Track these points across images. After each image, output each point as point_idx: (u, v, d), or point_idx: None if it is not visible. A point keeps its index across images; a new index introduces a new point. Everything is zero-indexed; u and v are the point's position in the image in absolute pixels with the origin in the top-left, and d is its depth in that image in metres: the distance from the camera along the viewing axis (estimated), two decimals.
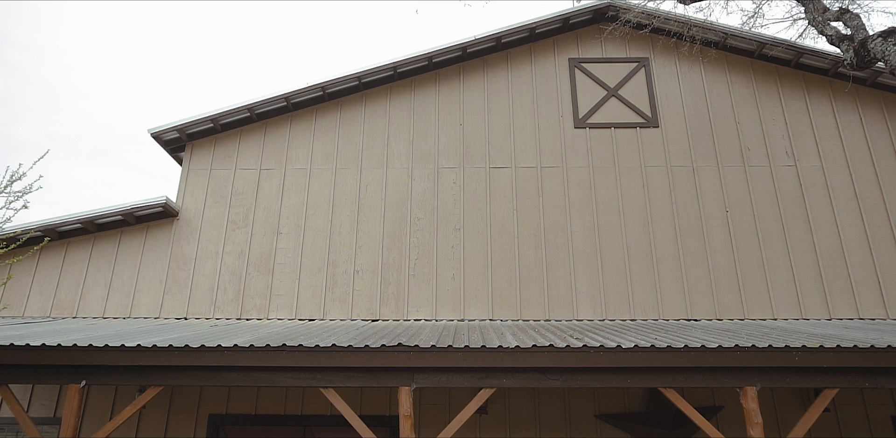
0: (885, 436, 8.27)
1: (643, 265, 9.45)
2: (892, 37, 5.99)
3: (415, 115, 10.52)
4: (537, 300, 9.33)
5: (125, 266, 9.53)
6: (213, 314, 9.27)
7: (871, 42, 6.17)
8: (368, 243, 9.68)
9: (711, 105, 10.49)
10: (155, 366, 6.10)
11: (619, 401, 8.44)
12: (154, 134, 10.05)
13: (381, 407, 8.30)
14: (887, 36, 6.03)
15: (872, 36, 6.31)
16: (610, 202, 9.84)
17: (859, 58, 6.49)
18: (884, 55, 5.98)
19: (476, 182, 10.04)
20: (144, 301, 9.35)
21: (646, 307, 9.22)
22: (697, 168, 10.04)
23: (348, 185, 10.05)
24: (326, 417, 8.37)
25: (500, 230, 9.73)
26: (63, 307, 9.30)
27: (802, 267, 9.36)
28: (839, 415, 8.32)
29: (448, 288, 9.44)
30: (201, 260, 9.58)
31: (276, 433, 8.50)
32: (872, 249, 9.43)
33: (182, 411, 8.49)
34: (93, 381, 6.10)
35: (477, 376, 6.01)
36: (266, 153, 10.25)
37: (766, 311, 9.12)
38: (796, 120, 10.34)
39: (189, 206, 9.90)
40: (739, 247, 9.51)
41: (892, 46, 5.92)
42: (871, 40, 6.19)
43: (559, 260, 9.51)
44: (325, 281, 9.48)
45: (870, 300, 9.15)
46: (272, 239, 9.72)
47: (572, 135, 10.31)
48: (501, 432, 8.31)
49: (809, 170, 9.98)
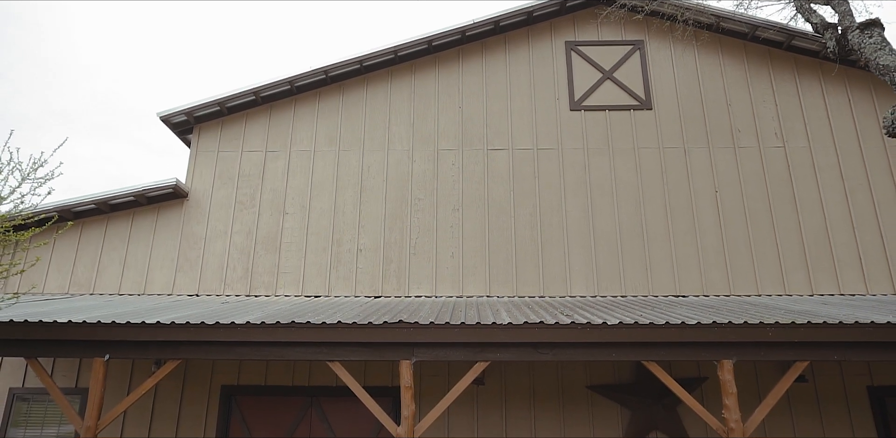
0: (861, 405, 8.75)
1: (634, 243, 9.84)
2: (868, 30, 6.25)
3: (415, 98, 10.82)
4: (533, 277, 9.75)
5: (138, 245, 9.95)
6: (224, 291, 9.71)
7: (850, 33, 6.43)
8: (371, 223, 10.08)
9: (704, 87, 10.77)
10: (173, 341, 6.56)
11: (609, 373, 8.91)
12: (163, 117, 10.38)
13: (383, 379, 8.77)
14: (864, 28, 6.29)
15: (851, 27, 6.56)
16: (603, 183, 10.19)
17: (840, 47, 6.75)
18: (860, 48, 6.25)
19: (475, 163, 10.39)
20: (157, 278, 9.79)
21: (636, 284, 9.64)
22: (689, 149, 10.36)
23: (351, 167, 10.40)
24: (332, 388, 8.85)
25: (497, 210, 10.11)
26: (80, 284, 9.75)
27: (787, 245, 9.74)
28: (817, 385, 8.79)
29: (447, 265, 9.86)
30: (211, 240, 10.00)
31: (284, 403, 9.00)
32: (855, 228, 9.80)
33: (196, 382, 8.99)
34: (115, 355, 6.58)
35: (473, 350, 6.46)
36: (271, 135, 10.59)
37: (752, 288, 9.54)
38: (786, 101, 10.63)
39: (198, 187, 10.28)
40: (727, 226, 9.89)
41: (867, 39, 6.18)
42: (850, 32, 6.45)
43: (554, 239, 9.91)
44: (330, 259, 9.90)
45: (851, 276, 9.56)
46: (278, 218, 10.11)
47: (568, 118, 10.62)
48: (498, 402, 8.80)
49: (797, 151, 10.30)
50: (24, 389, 9.08)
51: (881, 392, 8.81)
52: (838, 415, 8.67)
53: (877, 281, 9.49)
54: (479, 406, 8.74)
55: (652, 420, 8.63)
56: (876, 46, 6.00)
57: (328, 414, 8.88)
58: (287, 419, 8.90)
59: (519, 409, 8.75)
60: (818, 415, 8.69)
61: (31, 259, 8.12)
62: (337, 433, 8.79)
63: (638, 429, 8.63)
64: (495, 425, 8.67)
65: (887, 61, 5.73)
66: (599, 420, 8.72)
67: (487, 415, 8.70)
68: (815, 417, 8.68)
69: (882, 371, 8.87)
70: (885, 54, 5.86)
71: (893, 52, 5.84)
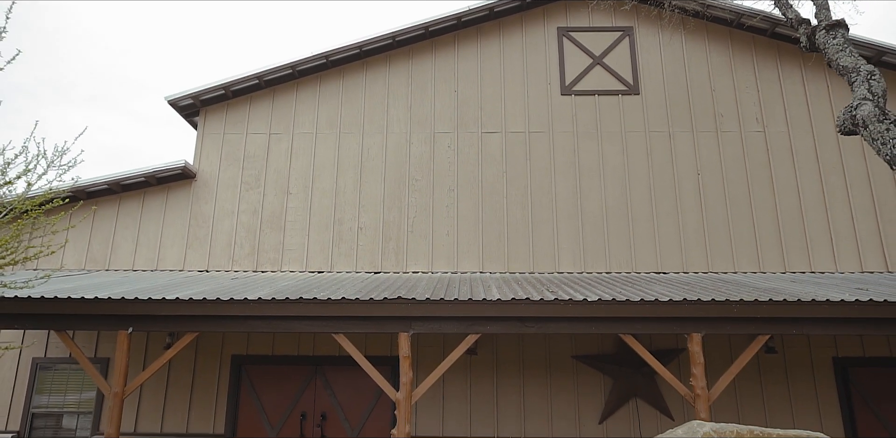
0: (826, 375, 9.43)
1: (620, 223, 10.41)
2: (833, 30, 6.69)
3: (412, 82, 11.27)
4: (523, 254, 10.34)
5: (150, 223, 10.50)
6: (232, 267, 10.30)
7: (817, 32, 6.88)
8: (370, 203, 10.62)
9: (690, 73, 11.23)
10: (190, 316, 7.16)
11: (593, 344, 9.57)
12: (170, 100, 10.83)
13: (383, 349, 9.41)
14: (830, 29, 6.72)
15: (818, 26, 7.00)
16: (592, 165, 10.72)
17: (811, 43, 7.20)
18: (825, 47, 6.69)
19: (469, 146, 10.89)
20: (169, 255, 10.36)
21: (621, 261, 10.25)
22: (673, 133, 10.87)
23: (351, 149, 10.90)
24: (335, 357, 9.51)
25: (490, 191, 10.64)
26: (96, 260, 10.32)
27: (763, 226, 10.32)
28: (786, 356, 9.46)
29: (443, 243, 10.43)
30: (219, 218, 10.54)
31: (291, 371, 9.66)
32: (828, 209, 10.37)
33: (208, 352, 9.64)
34: (138, 328, 7.19)
35: (465, 323, 7.08)
36: (275, 118, 11.06)
37: (728, 265, 10.15)
38: (768, 88, 11.10)
39: (205, 168, 10.78)
40: (708, 207, 10.45)
41: (832, 40, 6.63)
42: (818, 31, 6.89)
43: (544, 219, 10.47)
44: (332, 237, 10.47)
45: (822, 255, 10.16)
46: (283, 198, 10.65)
47: (559, 102, 11.09)
48: (489, 371, 9.48)
49: (777, 136, 10.82)
50: (45, 359, 9.72)
51: (845, 362, 9.49)
52: (805, 383, 9.36)
53: (846, 260, 10.10)
54: (472, 374, 9.42)
55: (632, 388, 9.31)
56: (838, 47, 6.45)
57: (331, 382, 9.55)
58: (293, 386, 9.57)
59: (509, 377, 9.42)
60: (786, 383, 9.38)
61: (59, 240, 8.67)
62: (340, 399, 9.47)
63: (619, 396, 9.32)
64: (487, 391, 9.35)
65: (847, 63, 6.19)
66: (583, 387, 9.40)
67: (480, 382, 9.38)
68: (783, 385, 9.37)
69: (847, 344, 9.54)
70: (845, 55, 6.31)
71: (853, 53, 6.30)
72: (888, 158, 4.64)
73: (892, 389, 9.38)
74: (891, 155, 4.63)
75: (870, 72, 5.84)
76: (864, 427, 9.25)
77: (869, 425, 9.26)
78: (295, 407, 9.47)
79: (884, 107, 5.19)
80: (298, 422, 9.39)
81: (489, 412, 9.29)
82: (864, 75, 5.81)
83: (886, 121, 4.89)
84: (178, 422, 9.40)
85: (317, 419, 9.41)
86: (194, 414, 9.43)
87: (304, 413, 9.42)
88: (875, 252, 10.12)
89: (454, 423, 9.24)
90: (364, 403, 9.47)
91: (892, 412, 9.29)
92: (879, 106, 5.12)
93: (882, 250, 10.12)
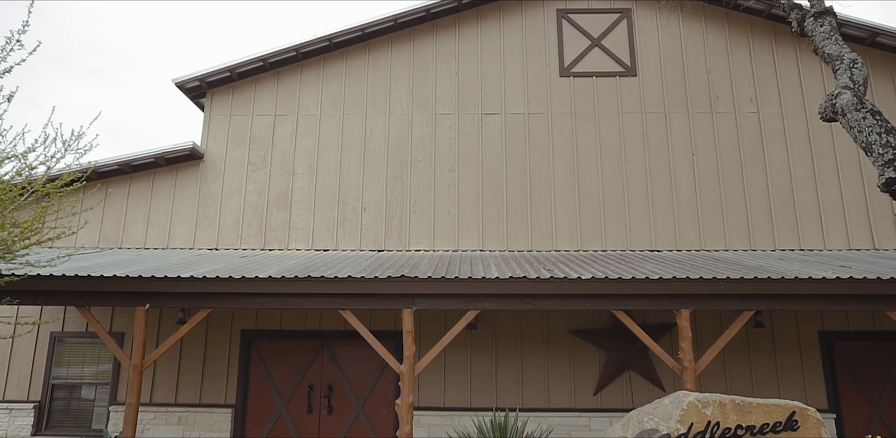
0: (812, 348, 9.83)
1: (616, 202, 10.73)
2: (821, 18, 6.90)
3: (414, 64, 11.49)
4: (522, 233, 10.68)
5: (160, 203, 10.83)
6: (240, 245, 10.66)
7: (806, 20, 7.09)
8: (374, 183, 10.93)
9: (686, 55, 11.43)
10: (203, 293, 7.53)
11: (588, 320, 9.96)
12: (177, 83, 11.08)
13: (387, 324, 9.81)
14: (818, 16, 6.93)
15: (807, 13, 7.21)
16: (589, 146, 11.00)
17: (801, 28, 7.42)
18: (812, 34, 6.92)
19: (470, 127, 11.16)
20: (179, 233, 10.71)
21: (616, 239, 10.59)
22: (669, 115, 11.12)
23: (355, 130, 11.18)
24: (341, 332, 9.91)
25: (490, 171, 10.94)
26: (108, 239, 10.68)
27: (755, 205, 10.64)
28: (773, 331, 9.85)
29: (444, 222, 10.77)
30: (227, 198, 10.87)
31: (298, 345, 10.07)
32: (818, 188, 10.67)
33: (218, 327, 10.04)
34: (154, 304, 7.57)
35: (465, 300, 7.45)
36: (280, 100, 11.32)
37: (720, 243, 10.49)
38: (763, 69, 11.31)
39: (213, 149, 11.08)
40: (701, 187, 10.75)
41: (819, 27, 6.84)
42: (807, 18, 7.10)
43: (542, 198, 10.78)
44: (337, 216, 10.80)
45: (811, 233, 10.49)
46: (288, 179, 10.96)
47: (557, 84, 11.32)
48: (489, 345, 9.88)
49: (770, 117, 11.07)
50: (63, 333, 10.14)
51: (830, 336, 9.89)
52: (791, 356, 9.77)
53: (834, 238, 10.43)
54: (472, 348, 9.83)
55: (625, 361, 9.72)
56: (825, 35, 6.68)
57: (337, 355, 9.98)
58: (301, 359, 10.00)
59: (508, 350, 9.84)
60: (773, 356, 9.78)
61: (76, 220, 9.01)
62: (345, 371, 9.90)
63: (613, 368, 9.74)
64: (486, 364, 9.77)
65: (832, 51, 6.42)
66: (579, 360, 9.82)
67: (480, 356, 9.79)
68: (770, 358, 9.78)
69: (832, 318, 9.92)
70: (831, 43, 6.54)
71: (839, 42, 6.52)
72: (863, 145, 4.93)
73: (874, 361, 9.79)
74: (866, 142, 4.93)
75: (852, 60, 6.08)
76: (846, 397, 9.68)
77: (851, 395, 9.69)
78: (303, 380, 9.91)
79: (863, 95, 5.45)
80: (306, 393, 9.84)
81: (488, 384, 9.71)
82: (847, 63, 6.06)
83: (863, 110, 5.17)
84: (191, 393, 9.84)
85: (323, 390, 9.85)
86: (206, 386, 9.88)
87: (312, 385, 9.87)
88: (863, 230, 10.45)
89: (455, 394, 9.68)
90: (369, 375, 9.90)
91: (873, 383, 9.71)
92: (858, 95, 5.39)
93: (869, 228, 10.44)
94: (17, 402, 9.83)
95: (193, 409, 9.66)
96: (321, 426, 9.73)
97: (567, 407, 9.61)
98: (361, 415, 9.74)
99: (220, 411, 9.67)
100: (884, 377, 9.74)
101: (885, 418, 9.60)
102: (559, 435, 9.44)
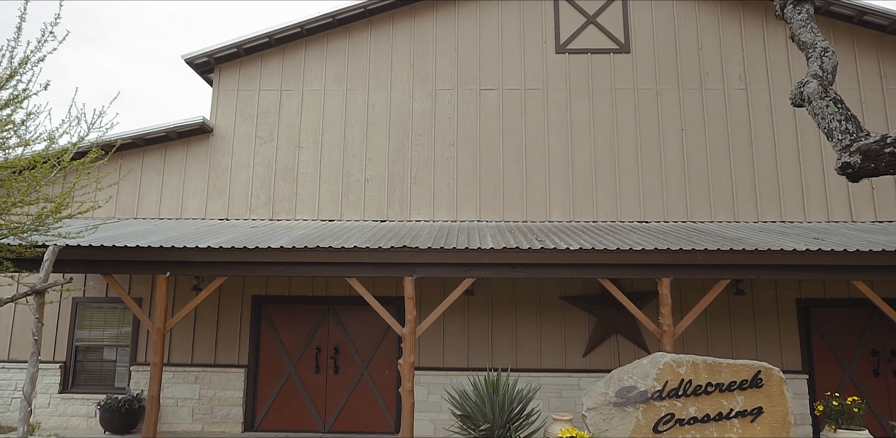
0: (789, 314, 10.45)
1: (607, 175, 11.23)
2: (800, 5, 7.25)
3: (415, 41, 11.87)
4: (517, 204, 11.21)
5: (172, 175, 11.34)
6: (249, 216, 11.21)
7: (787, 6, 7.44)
8: (376, 156, 11.42)
9: (679, 32, 11.79)
10: (219, 262, 8.11)
11: (579, 287, 10.57)
12: (187, 59, 11.48)
13: (390, 290, 10.41)
14: (797, 4, 7.31)
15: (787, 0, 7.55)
16: (583, 121, 11.45)
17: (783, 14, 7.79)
18: (790, 21, 7.30)
19: (468, 102, 11.60)
20: (191, 204, 11.26)
21: (607, 210, 11.13)
22: (661, 91, 11.54)
23: (358, 105, 11.62)
24: (346, 297, 10.53)
25: (488, 145, 11.42)
26: (124, 209, 11.23)
27: (740, 178, 11.14)
28: (754, 297, 10.46)
29: (444, 194, 11.29)
30: (235, 171, 11.38)
31: (306, 310, 10.71)
32: (801, 163, 11.16)
33: (230, 293, 10.66)
34: (174, 272, 8.15)
35: (462, 269, 8.03)
36: (285, 76, 11.73)
37: (706, 215, 11.03)
38: (752, 47, 11.69)
39: (221, 124, 11.54)
40: (690, 161, 11.24)
41: (797, 15, 7.21)
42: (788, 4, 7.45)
43: (537, 171, 11.29)
44: (341, 188, 11.33)
45: (793, 206, 11.02)
46: (294, 152, 11.45)
47: (553, 60, 11.72)
48: (485, 310, 10.51)
49: (758, 93, 11.49)
50: (84, 298, 10.76)
51: (807, 303, 10.50)
52: (769, 322, 10.40)
53: (814, 211, 10.97)
54: (470, 313, 10.46)
55: (613, 325, 10.36)
56: (801, 23, 7.04)
57: (343, 319, 10.62)
58: (308, 323, 10.65)
59: (503, 314, 10.47)
60: (753, 322, 10.42)
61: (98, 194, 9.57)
62: (351, 334, 10.56)
63: (602, 332, 10.38)
64: (483, 327, 10.42)
65: (807, 39, 6.81)
66: (570, 324, 10.46)
67: (476, 320, 10.43)
68: (750, 323, 10.41)
69: (810, 286, 10.53)
70: (806, 31, 6.92)
71: (814, 30, 6.90)
72: (826, 131, 5.40)
73: (847, 327, 10.43)
74: (827, 128, 5.39)
75: (824, 48, 6.48)
76: (820, 359, 10.35)
77: (825, 358, 10.36)
78: (311, 342, 10.58)
79: (830, 83, 5.89)
80: (314, 355, 10.52)
81: (485, 346, 10.38)
82: (819, 52, 6.46)
83: (827, 99, 5.62)
84: (206, 354, 10.51)
85: (330, 352, 10.53)
86: (220, 348, 10.54)
87: (319, 347, 10.54)
88: (842, 203, 10.98)
89: (453, 356, 10.35)
90: (372, 338, 10.56)
91: (845, 347, 10.37)
92: (823, 84, 5.82)
93: (848, 201, 10.97)
94: (45, 362, 10.51)
95: (209, 369, 10.35)
96: (328, 384, 10.44)
97: (558, 368, 10.29)
98: (366, 375, 10.44)
99: (233, 371, 10.36)
100: (855, 341, 10.40)
101: (855, 379, 10.28)
102: (550, 394, 10.15)
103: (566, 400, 9.98)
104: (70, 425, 10.15)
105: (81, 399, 10.32)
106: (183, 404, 10.27)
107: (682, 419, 6.97)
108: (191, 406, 10.26)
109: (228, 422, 10.20)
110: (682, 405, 7.00)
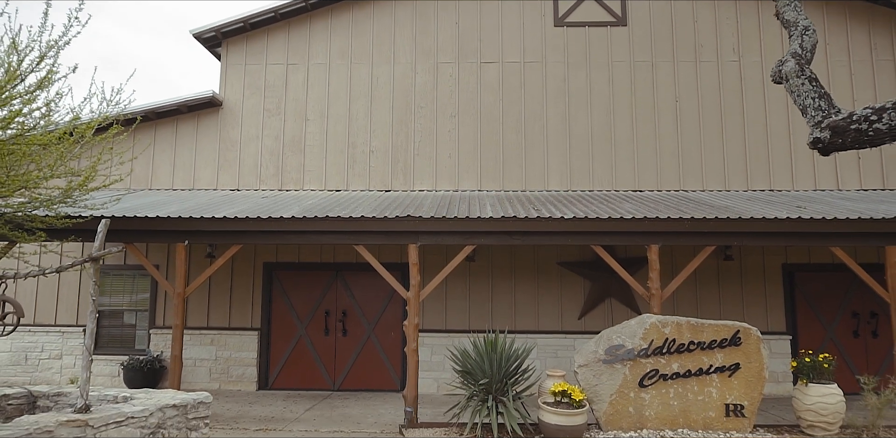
0: (775, 279, 10.98)
1: (603, 146, 11.64)
2: None
3: (417, 14, 12.15)
4: (517, 174, 11.65)
5: (183, 148, 11.78)
6: (259, 186, 11.67)
7: None
8: (380, 128, 11.82)
9: (675, 4, 12.05)
10: (234, 231, 8.61)
11: (575, 253, 11.08)
12: (195, 34, 11.80)
13: (395, 257, 10.93)
14: None
15: None
16: (580, 93, 11.81)
17: None
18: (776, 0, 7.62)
19: (469, 75, 11.94)
20: (203, 176, 11.72)
21: (603, 180, 11.56)
22: (656, 63, 11.86)
23: (362, 78, 11.97)
24: (353, 264, 11.07)
25: (488, 117, 11.81)
26: (138, 180, 11.69)
27: (731, 149, 11.54)
28: (742, 263, 10.98)
29: (445, 164, 11.73)
30: (245, 143, 11.81)
31: (315, 275, 11.26)
32: (791, 134, 11.54)
33: (243, 260, 11.20)
34: (192, 241, 8.66)
35: (463, 236, 8.53)
36: (291, 50, 12.06)
37: (698, 184, 11.46)
38: (747, 19, 11.96)
39: (230, 97, 11.92)
40: (683, 132, 11.63)
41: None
42: None
43: (535, 142, 11.70)
44: (347, 159, 11.76)
45: (782, 175, 11.45)
46: (301, 124, 11.85)
47: (552, 34, 12.01)
48: (485, 275, 11.06)
49: (750, 65, 11.81)
50: (104, 265, 11.30)
51: (792, 268, 11.03)
52: (756, 286, 10.94)
53: (803, 180, 11.40)
54: (471, 278, 11.01)
55: (607, 289, 10.91)
56: (787, 1, 7.41)
57: (350, 284, 11.18)
58: (317, 288, 11.21)
59: (502, 279, 11.02)
60: (740, 286, 10.95)
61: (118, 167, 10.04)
62: (358, 298, 11.13)
63: (596, 296, 10.94)
64: (483, 292, 10.98)
65: (790, 17, 7.14)
66: (566, 288, 11.01)
67: (477, 284, 10.99)
68: (737, 287, 10.95)
69: (795, 252, 11.03)
70: (790, 10, 7.24)
71: (797, 8, 7.22)
72: (801, 107, 5.78)
73: (829, 290, 10.96)
74: (802, 105, 5.78)
75: (805, 27, 6.83)
76: (803, 321, 10.91)
77: (808, 320, 10.92)
78: (320, 306, 11.16)
79: (807, 62, 6.27)
80: (323, 318, 11.11)
81: (485, 309, 10.95)
82: (801, 30, 6.81)
83: (802, 77, 5.99)
84: (220, 318, 11.12)
85: (338, 315, 11.12)
86: (234, 312, 11.14)
87: (328, 311, 11.12)
88: (829, 172, 11.40)
89: (455, 318, 10.93)
90: (378, 302, 11.14)
91: (826, 308, 10.92)
92: (801, 63, 6.20)
93: (835, 170, 11.39)
94: (68, 326, 11.13)
95: (224, 332, 10.96)
96: (337, 346, 11.05)
97: (555, 330, 10.88)
98: (372, 337, 11.04)
99: (247, 333, 10.97)
100: (837, 304, 10.94)
101: (836, 339, 10.86)
102: (547, 354, 10.76)
103: (562, 360, 10.59)
104: (96, 383, 10.80)
105: (105, 360, 10.96)
106: (200, 364, 10.91)
107: (666, 374, 7.55)
108: (208, 366, 10.90)
109: (244, 381, 10.85)
110: (665, 361, 7.57)
